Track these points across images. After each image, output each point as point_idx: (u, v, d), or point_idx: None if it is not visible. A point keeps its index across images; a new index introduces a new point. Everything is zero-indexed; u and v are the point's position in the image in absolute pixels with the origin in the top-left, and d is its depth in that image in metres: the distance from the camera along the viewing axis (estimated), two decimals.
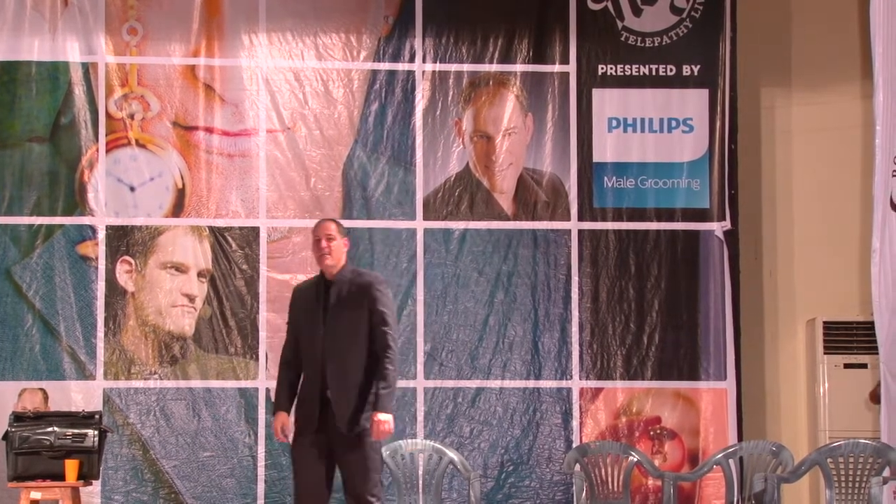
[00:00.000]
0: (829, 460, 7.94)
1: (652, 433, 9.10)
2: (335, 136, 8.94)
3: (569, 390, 8.98)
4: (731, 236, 9.21)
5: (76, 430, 6.91)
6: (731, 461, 8.40)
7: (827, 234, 9.42)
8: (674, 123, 9.12)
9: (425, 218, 8.95)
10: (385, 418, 6.07)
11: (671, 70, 9.21)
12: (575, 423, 8.95)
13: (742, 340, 9.19)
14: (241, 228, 8.93)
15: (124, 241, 8.81)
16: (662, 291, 9.10)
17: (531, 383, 8.98)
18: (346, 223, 8.37)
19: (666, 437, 9.07)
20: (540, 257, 9.05)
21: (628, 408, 9.09)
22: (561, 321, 9.02)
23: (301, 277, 7.98)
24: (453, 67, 9.05)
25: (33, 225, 8.70)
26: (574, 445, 8.87)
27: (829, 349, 9.24)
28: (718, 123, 9.29)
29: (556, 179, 9.13)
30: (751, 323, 9.38)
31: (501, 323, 9.01)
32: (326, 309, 6.15)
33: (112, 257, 8.76)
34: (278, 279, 8.70)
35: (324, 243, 6.31)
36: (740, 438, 8.93)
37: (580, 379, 9.01)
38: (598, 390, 9.03)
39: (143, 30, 8.88)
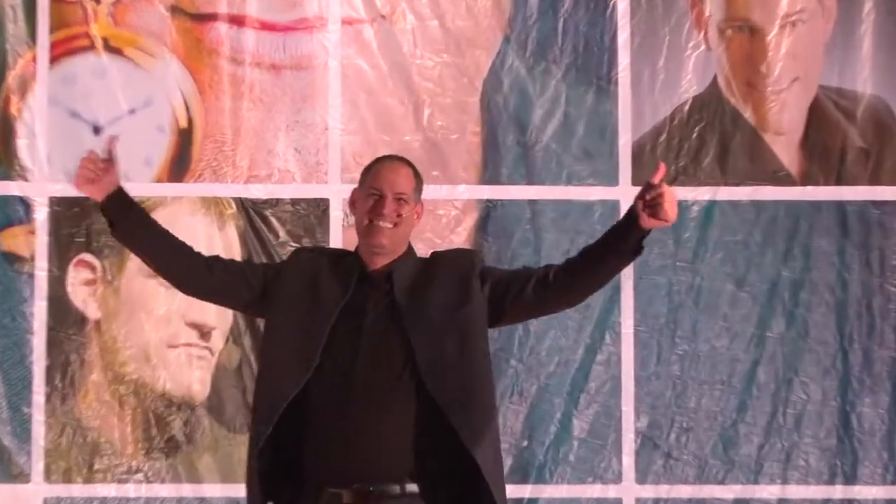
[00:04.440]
0: None
1: None
2: (468, 32, 7.08)
3: None
4: None
5: None
6: None
7: None
8: None
9: (635, 181, 7.01)
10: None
11: None
12: None
13: None
14: (294, 203, 7.01)
15: (82, 225, 6.98)
16: None
17: (846, 491, 7.00)
18: (492, 190, 6.99)
19: None
20: (853, 253, 6.91)
21: None
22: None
23: None
24: None
25: None
26: None
27: None
28: None
29: (881, 108, 7.12)
30: None
31: (782, 377, 6.87)
32: (364, 313, 4.57)
33: (61, 255, 6.97)
34: None
35: (388, 205, 4.59)
36: None
37: None
38: None
39: None
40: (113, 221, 4.62)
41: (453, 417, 4.42)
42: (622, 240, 4.46)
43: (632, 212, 4.40)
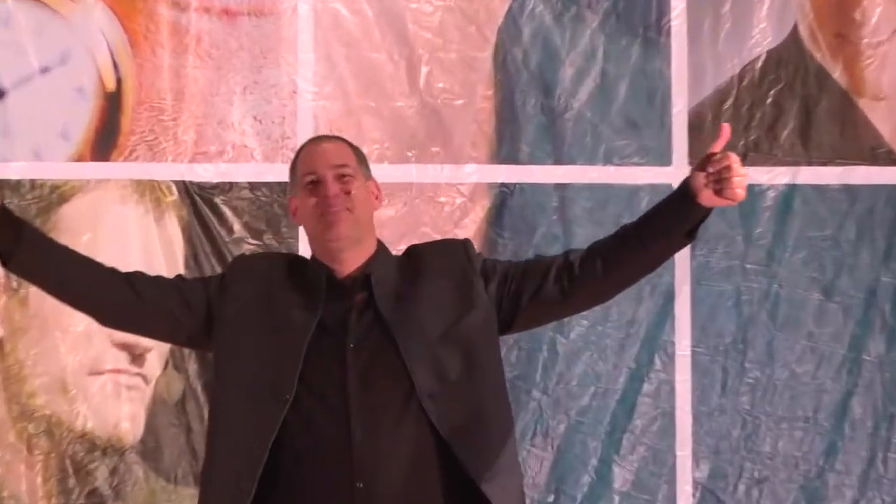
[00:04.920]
0: None
1: None
2: None
3: None
4: None
5: None
6: None
7: None
8: None
9: (693, 159, 6.31)
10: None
11: None
12: None
13: None
14: (253, 188, 6.35)
15: None
16: None
17: None
18: (509, 171, 6.49)
19: None
20: None
21: None
22: None
23: None
24: None
25: None
26: None
27: None
28: None
29: None
30: None
31: (882, 412, 6.22)
32: (346, 328, 4.05)
33: None
34: None
35: (331, 185, 4.08)
36: None
37: None
38: None
39: None
40: (1, 252, 4.08)
41: (459, 450, 3.97)
42: (675, 221, 3.99)
43: (687, 186, 3.92)
